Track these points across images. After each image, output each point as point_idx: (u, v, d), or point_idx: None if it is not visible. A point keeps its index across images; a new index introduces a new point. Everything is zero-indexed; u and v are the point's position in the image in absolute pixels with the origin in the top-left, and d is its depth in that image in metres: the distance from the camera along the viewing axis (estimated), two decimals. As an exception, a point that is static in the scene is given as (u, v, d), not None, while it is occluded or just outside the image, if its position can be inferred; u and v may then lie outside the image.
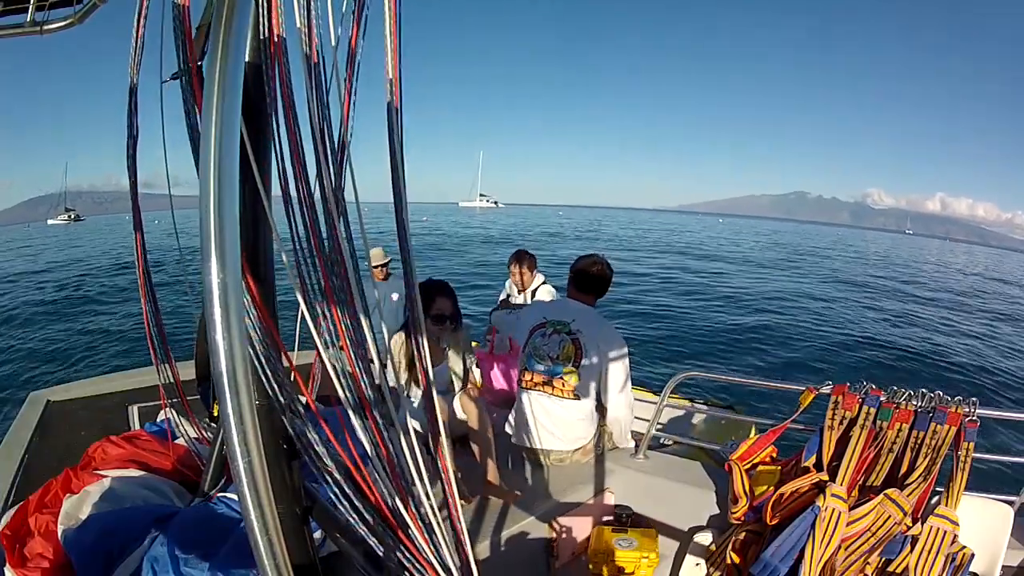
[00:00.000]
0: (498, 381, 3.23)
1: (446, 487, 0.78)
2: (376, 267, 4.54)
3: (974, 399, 1.59)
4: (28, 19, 1.37)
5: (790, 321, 11.26)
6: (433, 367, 2.25)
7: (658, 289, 14.25)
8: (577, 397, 2.24)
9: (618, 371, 2.26)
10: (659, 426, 2.36)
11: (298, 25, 0.69)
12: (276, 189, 0.80)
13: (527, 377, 2.32)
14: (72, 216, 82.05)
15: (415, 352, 0.79)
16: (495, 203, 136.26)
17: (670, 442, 2.92)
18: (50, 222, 78.89)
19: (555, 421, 2.26)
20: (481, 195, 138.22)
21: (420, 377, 0.80)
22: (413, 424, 0.82)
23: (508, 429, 2.40)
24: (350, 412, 0.76)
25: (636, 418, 2.43)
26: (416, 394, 2.15)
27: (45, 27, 1.36)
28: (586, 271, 2.35)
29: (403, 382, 2.13)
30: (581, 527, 2.11)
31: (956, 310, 15.09)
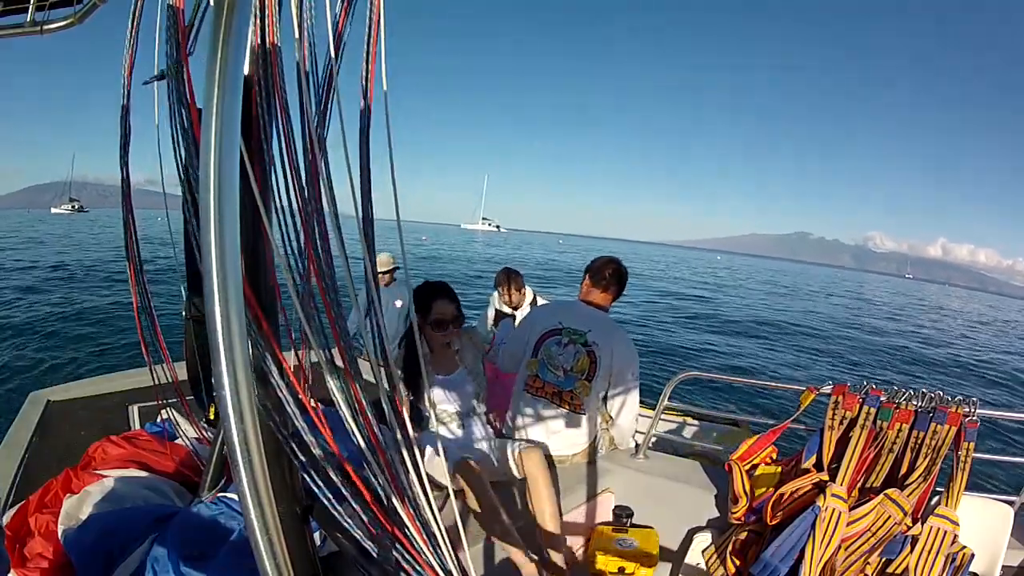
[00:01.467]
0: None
1: (444, 487, 0.78)
2: (381, 272, 4.57)
3: (974, 399, 1.59)
4: (28, 19, 1.37)
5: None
6: (445, 374, 2.09)
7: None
8: (584, 410, 2.21)
9: (628, 383, 2.22)
10: (659, 429, 2.36)
11: (296, 35, 0.69)
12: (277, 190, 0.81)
13: (536, 384, 2.26)
14: (76, 207, 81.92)
15: (419, 358, 0.79)
16: (497, 227, 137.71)
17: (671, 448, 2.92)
18: (54, 211, 78.75)
19: (559, 430, 2.23)
20: (484, 218, 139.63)
21: (420, 380, 0.80)
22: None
23: (505, 431, 2.38)
24: (347, 412, 0.76)
25: (638, 432, 2.42)
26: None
27: (45, 27, 1.36)
28: (601, 271, 2.29)
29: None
30: (581, 527, 2.11)
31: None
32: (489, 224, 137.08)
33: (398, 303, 4.59)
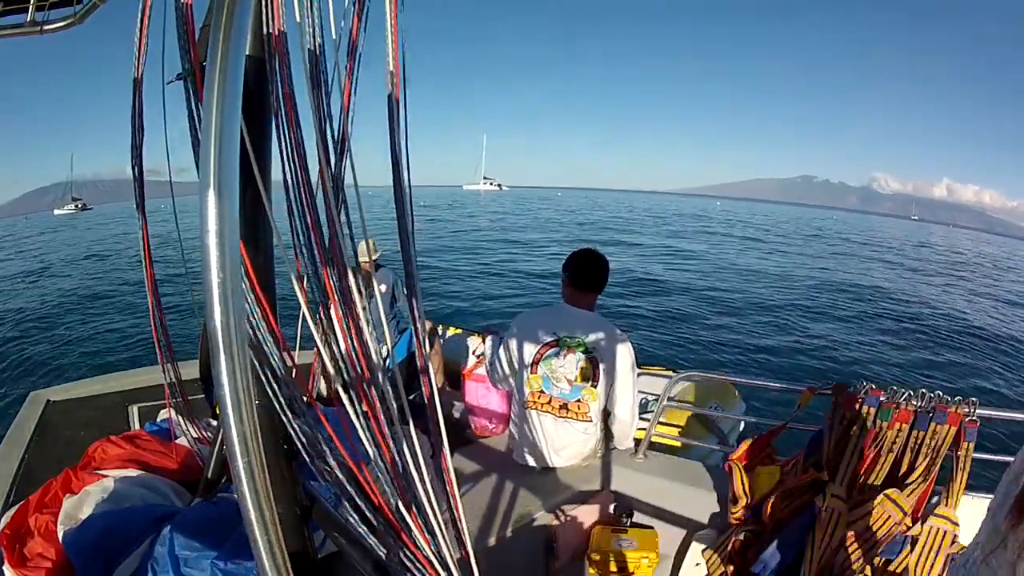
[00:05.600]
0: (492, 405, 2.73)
1: (448, 487, 0.78)
2: (366, 261, 4.51)
3: (974, 399, 1.59)
4: (28, 19, 1.37)
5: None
6: None
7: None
8: (591, 417, 2.19)
9: (627, 380, 2.19)
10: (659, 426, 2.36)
11: (298, 19, 0.69)
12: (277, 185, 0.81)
13: (543, 400, 2.19)
14: (79, 205, 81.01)
15: (417, 345, 0.79)
16: (499, 186, 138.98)
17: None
18: (56, 212, 77.81)
19: (565, 443, 2.21)
20: (485, 178, 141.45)
21: (422, 378, 0.79)
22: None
23: (511, 444, 2.35)
24: (350, 412, 0.76)
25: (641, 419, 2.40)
26: None
27: (45, 27, 1.36)
28: (583, 268, 2.22)
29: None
30: (581, 528, 2.11)
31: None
32: (491, 183, 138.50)
33: (382, 287, 4.56)
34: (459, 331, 4.34)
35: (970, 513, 1.58)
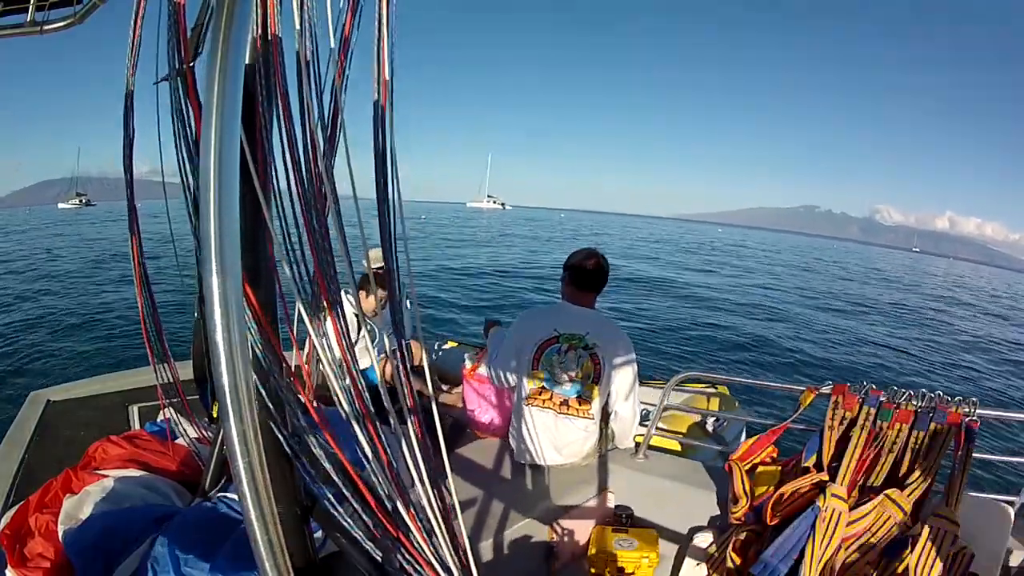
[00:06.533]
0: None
1: (445, 488, 0.78)
2: (375, 269, 4.53)
3: (974, 399, 1.59)
4: (28, 19, 1.37)
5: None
6: None
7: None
8: (593, 415, 2.19)
9: (629, 377, 2.20)
10: (659, 428, 2.36)
11: (296, 26, 0.69)
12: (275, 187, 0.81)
13: (543, 396, 2.20)
14: (83, 200, 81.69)
15: (399, 353, 0.79)
16: (502, 204, 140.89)
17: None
18: (60, 206, 78.80)
19: (565, 440, 2.21)
20: (488, 196, 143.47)
21: (408, 376, 0.79)
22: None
23: (512, 443, 2.35)
24: (348, 412, 0.76)
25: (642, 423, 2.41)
26: None
27: (45, 27, 1.37)
28: (583, 266, 2.21)
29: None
30: (581, 528, 2.11)
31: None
32: (494, 202, 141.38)
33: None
34: (456, 344, 4.36)
35: (970, 513, 1.58)
